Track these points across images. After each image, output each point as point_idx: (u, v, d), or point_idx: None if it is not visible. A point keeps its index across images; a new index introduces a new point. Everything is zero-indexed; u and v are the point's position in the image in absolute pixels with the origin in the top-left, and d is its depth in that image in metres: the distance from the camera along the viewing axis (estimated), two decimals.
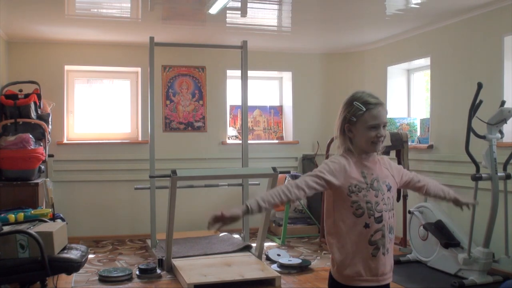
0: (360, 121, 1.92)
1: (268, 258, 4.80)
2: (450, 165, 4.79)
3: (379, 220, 1.88)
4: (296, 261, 4.58)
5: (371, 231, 1.87)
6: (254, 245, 4.84)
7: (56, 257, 3.09)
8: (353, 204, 1.88)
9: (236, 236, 5.38)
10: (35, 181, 4.56)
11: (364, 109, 1.91)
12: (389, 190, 1.95)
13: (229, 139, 6.26)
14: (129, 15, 4.77)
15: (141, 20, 4.91)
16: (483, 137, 3.91)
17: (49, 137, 4.97)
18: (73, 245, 3.39)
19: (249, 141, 5.32)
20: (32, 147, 4.58)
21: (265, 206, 1.77)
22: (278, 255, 4.83)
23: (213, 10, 4.33)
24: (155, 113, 5.16)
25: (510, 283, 3.70)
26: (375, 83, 6.07)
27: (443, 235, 4.27)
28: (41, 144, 4.76)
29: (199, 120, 6.10)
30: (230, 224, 1.75)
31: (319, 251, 5.18)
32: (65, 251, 3.23)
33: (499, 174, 3.90)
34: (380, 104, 1.94)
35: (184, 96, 6.07)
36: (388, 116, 6.38)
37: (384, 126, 1.94)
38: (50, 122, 5.10)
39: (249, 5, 4.37)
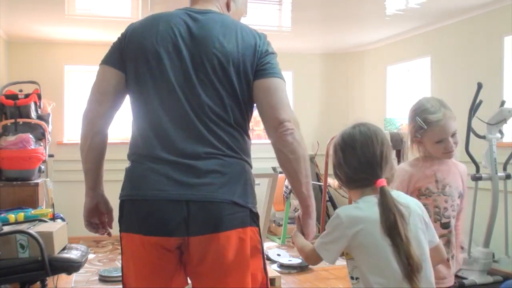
0: (425, 136, 1.91)
1: (268, 258, 4.79)
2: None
3: (446, 225, 1.86)
4: (296, 261, 4.58)
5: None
6: None
7: (56, 257, 3.09)
8: (424, 206, 1.73)
9: None
10: (35, 181, 4.56)
11: (426, 127, 1.89)
12: (459, 197, 1.94)
13: None
14: (129, 15, 4.77)
15: None
16: (483, 137, 3.91)
17: (49, 137, 4.97)
18: (73, 245, 3.38)
19: None
20: (32, 147, 4.57)
21: None
22: (278, 255, 4.83)
23: None
24: None
25: (510, 283, 3.70)
26: (375, 83, 6.07)
27: None
28: (41, 144, 4.76)
29: None
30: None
31: None
32: (65, 251, 3.23)
33: (499, 174, 3.90)
34: (441, 119, 1.88)
35: None
36: (388, 116, 6.36)
37: (453, 135, 1.89)
38: (50, 122, 5.10)
39: (249, 5, 4.36)
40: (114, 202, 1.82)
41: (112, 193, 1.87)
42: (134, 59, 1.63)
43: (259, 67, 1.63)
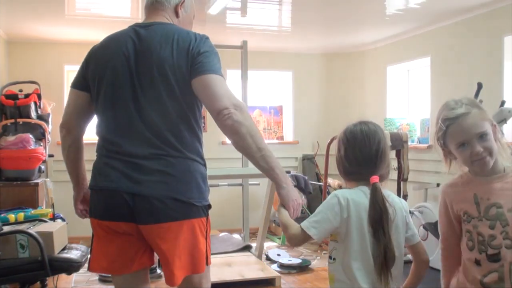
0: (448, 142, 1.63)
1: (268, 258, 4.80)
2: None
3: (495, 258, 1.51)
4: (296, 261, 4.58)
5: (483, 271, 1.55)
6: (254, 245, 4.84)
7: (56, 257, 3.09)
8: (466, 233, 1.61)
9: (236, 236, 5.38)
10: (35, 181, 4.56)
11: (444, 127, 1.61)
12: None
13: None
14: (129, 15, 4.77)
15: (141, 20, 4.90)
16: None
17: (49, 137, 4.97)
18: (73, 245, 3.38)
19: None
20: (32, 147, 4.58)
21: None
22: (278, 255, 4.83)
23: (213, 10, 4.33)
24: None
25: None
26: (375, 83, 6.07)
27: None
28: (41, 144, 4.76)
29: None
30: None
31: (319, 251, 5.18)
32: (65, 251, 3.23)
33: None
34: (461, 115, 1.59)
35: None
36: (388, 116, 6.36)
37: (482, 137, 1.57)
38: (50, 122, 5.10)
39: (249, 5, 4.37)
40: None
41: None
42: (92, 79, 1.92)
43: (193, 67, 1.80)
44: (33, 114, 4.91)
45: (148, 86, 1.82)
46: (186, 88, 1.81)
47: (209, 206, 1.92)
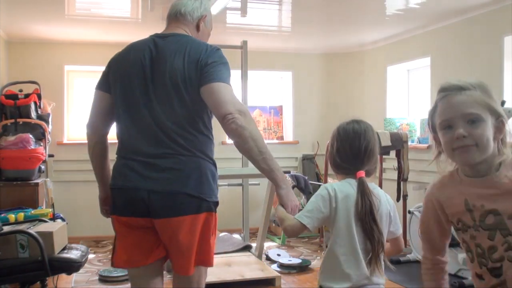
0: (435, 121, 1.39)
1: (268, 258, 4.80)
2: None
3: (496, 273, 1.30)
4: (296, 261, 4.58)
5: (486, 285, 1.35)
6: (254, 245, 4.84)
7: (56, 257, 3.09)
8: (463, 244, 1.42)
9: (236, 236, 5.38)
10: (35, 181, 4.56)
11: (436, 103, 1.38)
12: None
13: (229, 139, 6.25)
14: (129, 15, 4.77)
15: (141, 20, 4.91)
16: None
17: (49, 137, 4.97)
18: (73, 245, 3.38)
19: None
20: (32, 147, 4.57)
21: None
22: (278, 255, 4.83)
23: (213, 10, 4.33)
24: None
25: None
26: (375, 83, 6.07)
27: None
28: (41, 144, 4.76)
29: None
30: None
31: (319, 251, 5.18)
32: (65, 251, 3.23)
33: None
34: (455, 87, 1.33)
35: None
36: (388, 116, 6.36)
37: (473, 121, 1.29)
38: (50, 122, 5.10)
39: (249, 5, 4.37)
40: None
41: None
42: (114, 82, 2.08)
43: (202, 76, 1.96)
44: (33, 114, 4.91)
45: (161, 92, 1.98)
46: (195, 95, 1.96)
47: (218, 203, 2.05)
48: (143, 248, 2.04)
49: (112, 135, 2.18)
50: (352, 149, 1.81)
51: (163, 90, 1.98)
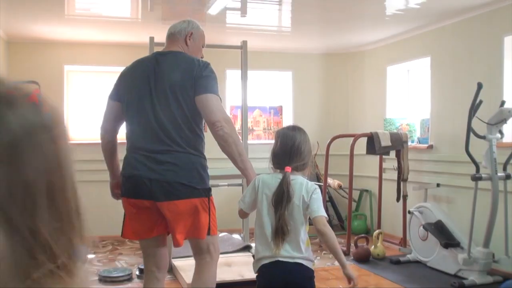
0: None
1: None
2: (450, 165, 4.79)
3: None
4: None
5: None
6: (254, 245, 4.83)
7: None
8: None
9: (236, 236, 5.38)
10: None
11: None
12: None
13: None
14: (129, 15, 4.77)
15: (141, 20, 4.91)
16: (483, 137, 3.91)
17: None
18: None
19: (249, 141, 5.32)
20: None
21: None
22: None
23: (213, 10, 4.33)
24: None
25: (510, 283, 3.70)
26: (375, 83, 6.07)
27: (443, 235, 4.27)
28: None
29: None
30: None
31: (319, 251, 5.18)
32: None
33: (499, 174, 3.91)
34: None
35: None
36: (388, 116, 6.38)
37: None
38: None
39: (249, 5, 4.37)
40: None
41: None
42: (123, 92, 2.59)
43: (196, 88, 2.45)
44: None
45: (162, 100, 2.47)
46: (190, 102, 2.45)
47: (210, 189, 2.56)
48: (146, 225, 2.55)
49: (121, 135, 2.65)
50: (284, 149, 2.27)
51: (164, 98, 2.45)
